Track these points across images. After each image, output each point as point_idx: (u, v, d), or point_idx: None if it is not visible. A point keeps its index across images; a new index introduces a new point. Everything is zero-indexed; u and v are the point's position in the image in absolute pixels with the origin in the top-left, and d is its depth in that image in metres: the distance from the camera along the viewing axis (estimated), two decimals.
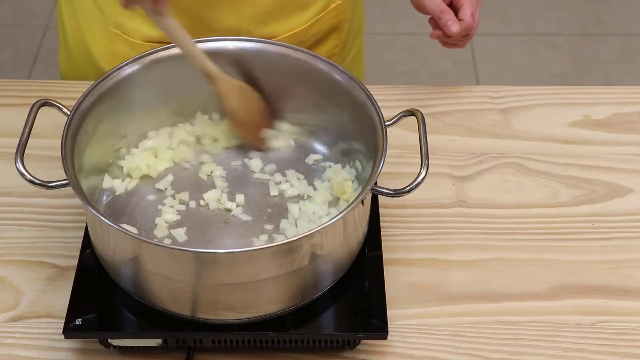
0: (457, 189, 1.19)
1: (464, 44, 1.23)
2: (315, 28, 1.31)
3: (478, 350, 1.02)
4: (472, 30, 1.20)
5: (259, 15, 1.25)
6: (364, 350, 1.01)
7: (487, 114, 1.29)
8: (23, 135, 0.99)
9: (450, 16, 1.18)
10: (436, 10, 1.18)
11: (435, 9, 1.18)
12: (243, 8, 1.24)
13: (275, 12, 1.26)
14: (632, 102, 1.31)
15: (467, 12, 1.18)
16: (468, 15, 1.18)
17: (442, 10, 1.18)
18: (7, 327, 1.03)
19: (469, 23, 1.18)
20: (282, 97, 1.14)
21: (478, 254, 1.11)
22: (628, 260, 1.11)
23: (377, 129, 1.02)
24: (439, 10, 1.18)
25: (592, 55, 2.77)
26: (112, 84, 1.07)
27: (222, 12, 1.23)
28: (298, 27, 1.29)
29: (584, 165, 1.22)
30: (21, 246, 1.11)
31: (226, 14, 1.24)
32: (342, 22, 1.34)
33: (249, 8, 1.24)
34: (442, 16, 1.18)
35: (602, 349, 1.02)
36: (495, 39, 2.81)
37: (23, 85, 1.33)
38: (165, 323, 0.98)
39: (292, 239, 0.91)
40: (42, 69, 2.67)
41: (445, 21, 1.17)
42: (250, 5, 1.24)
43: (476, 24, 1.20)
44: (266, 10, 1.25)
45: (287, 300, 0.97)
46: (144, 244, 0.93)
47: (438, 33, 1.19)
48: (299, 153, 1.14)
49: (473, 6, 1.19)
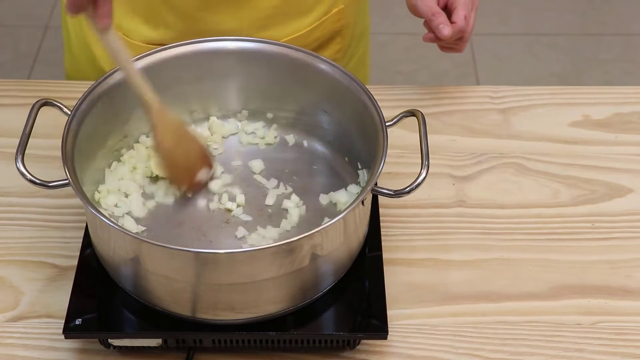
0: (457, 189, 1.19)
1: (461, 48, 1.20)
2: (318, 32, 1.30)
3: (478, 350, 1.02)
4: (466, 34, 1.17)
5: (260, 19, 1.25)
6: (364, 350, 1.01)
7: (487, 114, 1.29)
8: (23, 135, 1.00)
9: (442, 19, 1.15)
10: (428, 13, 1.16)
11: (428, 11, 1.16)
12: (243, 12, 1.23)
13: (275, 16, 1.25)
14: (632, 102, 1.32)
15: (460, 15, 1.16)
16: (461, 18, 1.16)
17: (434, 13, 1.15)
18: (7, 327, 1.03)
19: (461, 26, 1.16)
20: (283, 97, 1.14)
21: (478, 254, 1.11)
22: (628, 260, 1.11)
23: (377, 130, 1.02)
24: (431, 13, 1.16)
25: (592, 55, 2.77)
26: (112, 84, 1.06)
27: (223, 16, 1.23)
28: (299, 31, 1.28)
29: (584, 165, 1.22)
30: (21, 246, 1.11)
31: (226, 18, 1.23)
32: (345, 27, 1.34)
33: (250, 12, 1.24)
34: (434, 19, 1.15)
35: (602, 349, 1.02)
36: (495, 39, 2.81)
37: (23, 85, 1.33)
38: (165, 323, 0.98)
39: (293, 240, 0.91)
40: (42, 69, 2.67)
41: (437, 24, 1.15)
42: (251, 9, 1.23)
43: (471, 27, 1.18)
44: (267, 15, 1.24)
45: (287, 300, 0.97)
46: (144, 244, 0.93)
47: (430, 36, 1.17)
48: (300, 154, 1.14)
49: (467, 9, 1.17)
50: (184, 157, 1.07)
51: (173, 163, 1.07)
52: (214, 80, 1.13)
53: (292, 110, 1.15)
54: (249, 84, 1.14)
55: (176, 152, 1.06)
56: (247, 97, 1.15)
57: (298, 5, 1.27)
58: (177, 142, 1.06)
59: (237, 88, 1.14)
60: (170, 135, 1.05)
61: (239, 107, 1.16)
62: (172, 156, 1.06)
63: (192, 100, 1.14)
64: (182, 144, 1.06)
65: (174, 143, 1.06)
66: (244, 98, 1.15)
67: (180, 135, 1.06)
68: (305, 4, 1.28)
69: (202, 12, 1.23)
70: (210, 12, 1.23)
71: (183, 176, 1.08)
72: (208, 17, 1.23)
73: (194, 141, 1.08)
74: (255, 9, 1.24)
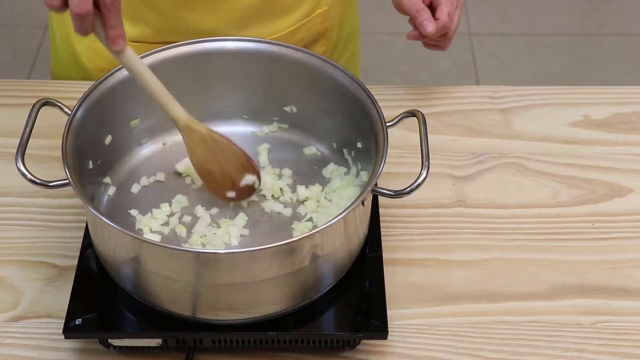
0: (457, 189, 1.19)
1: (445, 46, 1.21)
2: (301, 33, 1.30)
3: (478, 350, 1.02)
4: (450, 31, 1.18)
5: (238, 18, 1.24)
6: (364, 350, 1.01)
7: (487, 114, 1.29)
8: (24, 135, 0.99)
9: (426, 16, 1.15)
10: (412, 10, 1.16)
11: (412, 8, 1.16)
12: (221, 10, 1.23)
13: (254, 16, 1.25)
14: (632, 102, 1.32)
15: (444, 12, 1.16)
16: (445, 14, 1.16)
17: (418, 10, 1.16)
18: (7, 327, 1.03)
19: (445, 22, 1.16)
20: (283, 97, 1.14)
21: (478, 254, 1.11)
22: (628, 260, 1.11)
23: (378, 130, 1.02)
24: (415, 10, 1.16)
25: (592, 55, 2.77)
26: (113, 84, 1.06)
27: (200, 14, 1.23)
28: (280, 32, 1.28)
29: (584, 165, 1.22)
30: (21, 246, 1.11)
31: (204, 16, 1.23)
32: (330, 29, 1.34)
33: (228, 10, 1.23)
34: (418, 15, 1.16)
35: (602, 349, 1.02)
36: (495, 39, 2.81)
37: (23, 85, 1.33)
38: (165, 323, 0.98)
39: (293, 240, 0.91)
40: (42, 69, 2.67)
41: (421, 21, 1.15)
42: (229, 8, 1.23)
43: (455, 24, 1.18)
44: (245, 14, 1.24)
45: (287, 300, 0.97)
46: (144, 244, 0.93)
47: (415, 34, 1.17)
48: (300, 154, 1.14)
49: (451, 6, 1.17)
50: (219, 167, 1.06)
51: (209, 174, 1.06)
52: (213, 80, 1.13)
53: (292, 110, 1.15)
54: (249, 84, 1.14)
55: (210, 163, 1.05)
56: (247, 97, 1.15)
57: (277, 5, 1.26)
58: (209, 154, 1.05)
59: (237, 88, 1.14)
60: (200, 148, 1.04)
61: (238, 108, 1.16)
62: (206, 167, 1.06)
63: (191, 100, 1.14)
64: (215, 154, 1.05)
65: (206, 155, 1.05)
66: (243, 98, 1.15)
67: (211, 146, 1.05)
68: (284, 5, 1.27)
69: (180, 9, 1.22)
70: (187, 10, 1.22)
71: (223, 186, 1.06)
72: (186, 15, 1.23)
73: (229, 149, 1.06)
74: (233, 8, 1.23)
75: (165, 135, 1.15)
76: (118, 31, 0.93)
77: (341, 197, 1.08)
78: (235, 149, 1.06)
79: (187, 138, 1.04)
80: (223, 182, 1.06)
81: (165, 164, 1.13)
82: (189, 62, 1.10)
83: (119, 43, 0.94)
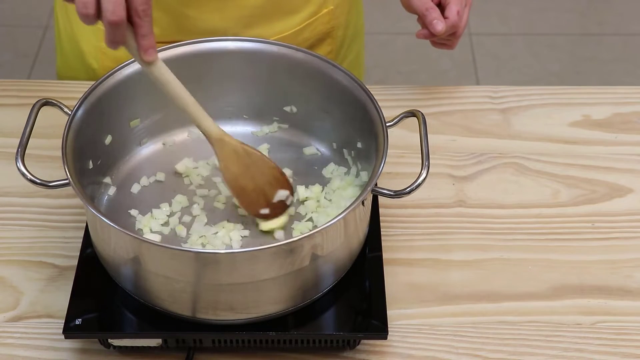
0: (457, 189, 1.19)
1: (453, 44, 1.21)
2: (307, 33, 1.30)
3: (478, 350, 1.02)
4: (459, 29, 1.18)
5: (245, 17, 1.24)
6: (364, 350, 1.01)
7: (487, 114, 1.29)
8: (24, 135, 0.99)
9: (435, 14, 1.16)
10: (422, 8, 1.16)
11: (422, 7, 1.16)
12: (228, 9, 1.23)
13: (261, 15, 1.25)
14: (632, 102, 1.32)
15: (453, 10, 1.16)
16: (454, 13, 1.16)
17: (427, 9, 1.16)
18: (7, 327, 1.03)
19: (454, 21, 1.16)
20: (283, 97, 1.14)
21: (478, 254, 1.11)
22: (628, 260, 1.11)
23: (378, 130, 1.02)
24: (424, 8, 1.16)
25: (592, 55, 2.77)
26: (113, 84, 1.06)
27: (207, 12, 1.23)
28: (287, 31, 1.28)
29: (584, 165, 1.22)
30: (21, 246, 1.11)
31: (211, 14, 1.23)
32: (335, 29, 1.34)
33: (234, 9, 1.23)
34: (428, 14, 1.16)
35: (602, 349, 1.02)
36: (495, 39, 2.81)
37: (23, 85, 1.33)
38: (165, 323, 0.98)
39: (293, 240, 0.91)
40: (42, 69, 2.67)
41: (431, 19, 1.15)
42: (236, 7, 1.23)
43: (464, 23, 1.18)
44: (252, 13, 1.24)
45: (287, 300, 0.97)
46: (144, 244, 0.93)
47: (424, 32, 1.17)
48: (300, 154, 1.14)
49: (460, 5, 1.17)
50: (253, 182, 1.03)
51: (243, 190, 1.04)
52: (214, 80, 1.13)
53: (292, 110, 1.15)
54: (249, 84, 1.14)
55: (244, 178, 1.03)
56: (247, 97, 1.15)
57: (284, 5, 1.27)
58: (243, 168, 1.03)
59: (237, 88, 1.14)
60: (234, 162, 1.02)
61: (238, 108, 1.16)
62: (240, 183, 1.03)
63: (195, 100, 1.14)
64: (248, 168, 1.03)
65: (240, 169, 1.03)
66: (243, 98, 1.15)
67: (245, 160, 1.03)
68: (291, 4, 1.27)
69: (187, 7, 1.22)
70: (194, 8, 1.22)
71: (257, 202, 1.04)
72: (192, 13, 1.23)
73: (262, 162, 1.04)
74: (239, 7, 1.23)
75: (165, 135, 1.15)
76: (150, 41, 0.91)
77: (341, 197, 1.08)
78: (268, 162, 1.04)
79: (219, 152, 1.01)
80: (257, 199, 1.04)
81: (165, 164, 1.13)
82: (189, 62, 1.10)
83: (150, 54, 0.92)
